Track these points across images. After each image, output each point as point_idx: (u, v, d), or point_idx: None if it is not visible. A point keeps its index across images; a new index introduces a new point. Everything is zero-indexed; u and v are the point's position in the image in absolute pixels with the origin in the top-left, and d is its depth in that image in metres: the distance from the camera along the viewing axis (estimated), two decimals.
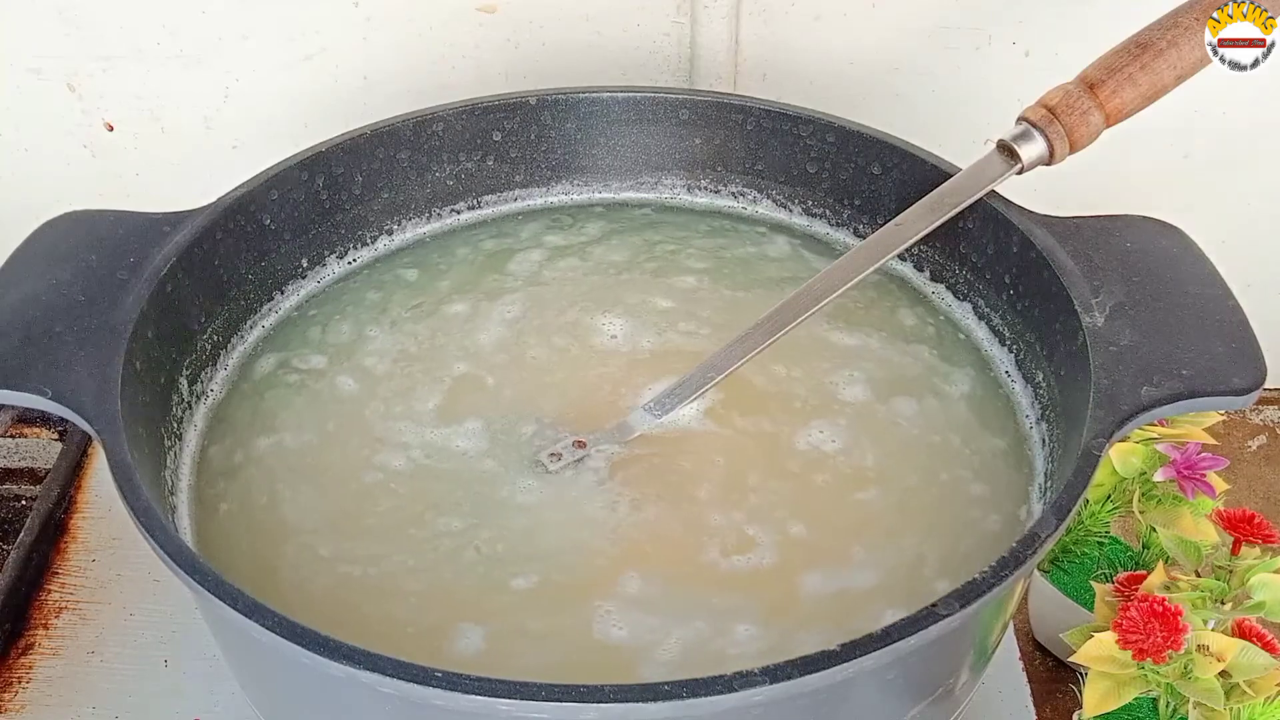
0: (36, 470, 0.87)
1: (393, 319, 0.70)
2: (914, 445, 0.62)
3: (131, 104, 0.86)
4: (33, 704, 0.72)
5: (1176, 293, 0.60)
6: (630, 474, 0.60)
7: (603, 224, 0.76)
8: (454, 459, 0.62)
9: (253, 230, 0.67)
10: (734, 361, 0.62)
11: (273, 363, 0.67)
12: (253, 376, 0.67)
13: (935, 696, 0.54)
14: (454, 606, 0.55)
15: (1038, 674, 0.76)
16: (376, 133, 0.71)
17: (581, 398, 0.65)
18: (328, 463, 0.62)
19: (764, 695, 0.44)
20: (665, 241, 0.74)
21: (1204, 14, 0.63)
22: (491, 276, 0.72)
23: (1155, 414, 0.55)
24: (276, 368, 0.67)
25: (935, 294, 0.71)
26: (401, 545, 0.58)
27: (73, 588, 0.78)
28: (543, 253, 0.74)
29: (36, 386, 0.55)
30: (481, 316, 0.69)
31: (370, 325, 0.69)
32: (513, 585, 0.56)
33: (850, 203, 0.74)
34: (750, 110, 0.74)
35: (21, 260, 0.62)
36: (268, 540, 0.59)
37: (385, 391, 0.65)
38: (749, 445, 0.62)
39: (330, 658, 0.45)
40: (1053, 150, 0.64)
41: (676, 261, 0.73)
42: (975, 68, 0.84)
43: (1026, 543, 0.49)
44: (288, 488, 0.61)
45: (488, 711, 0.44)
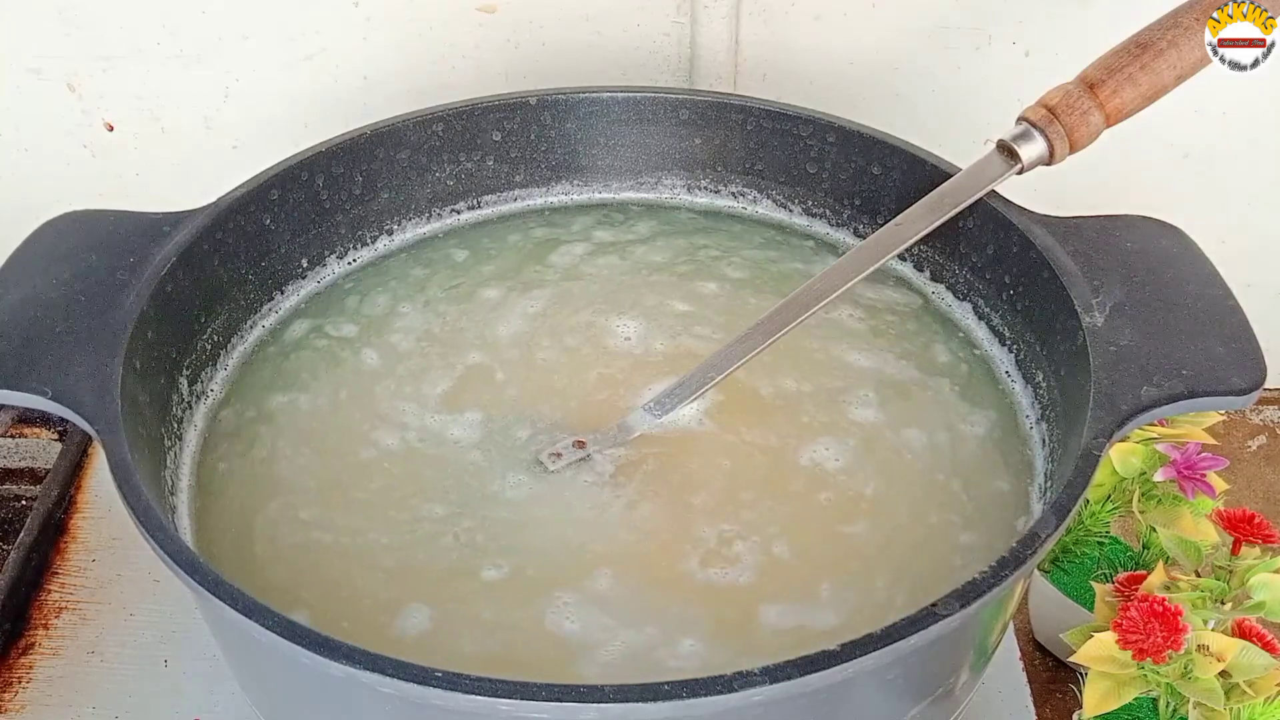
0: (36, 470, 0.87)
1: (428, 298, 0.71)
2: (914, 479, 0.61)
3: (131, 104, 0.86)
4: (33, 704, 0.72)
5: (1176, 293, 0.60)
6: (626, 475, 0.60)
7: (653, 224, 0.76)
8: (448, 447, 0.62)
9: (253, 230, 0.68)
10: (734, 361, 0.62)
11: (306, 327, 0.69)
12: (283, 339, 0.69)
13: (935, 696, 0.54)
14: (415, 586, 0.56)
15: (1038, 674, 0.76)
16: (376, 133, 0.71)
17: (584, 397, 0.65)
18: (331, 430, 0.63)
19: (764, 695, 0.44)
20: (711, 247, 0.74)
21: (1204, 14, 0.63)
22: (533, 267, 0.73)
23: (1155, 414, 0.55)
24: (309, 332, 0.69)
25: (935, 294, 0.71)
26: (381, 523, 0.59)
27: (73, 588, 0.78)
28: (586, 247, 0.74)
29: (36, 386, 0.55)
30: (507, 307, 0.70)
31: (406, 301, 0.70)
32: (482, 575, 0.56)
33: (850, 203, 0.74)
34: (750, 110, 0.74)
35: (21, 260, 0.62)
36: (256, 491, 0.60)
37: (402, 370, 0.66)
38: (749, 452, 0.62)
39: (330, 658, 0.45)
40: (1053, 150, 0.64)
41: (714, 269, 0.73)
42: (975, 68, 0.84)
43: (1026, 543, 0.49)
44: (289, 446, 0.62)
45: (488, 711, 0.44)
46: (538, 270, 0.73)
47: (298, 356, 0.67)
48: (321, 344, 0.68)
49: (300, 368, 0.67)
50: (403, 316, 0.70)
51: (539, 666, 0.52)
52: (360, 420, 0.64)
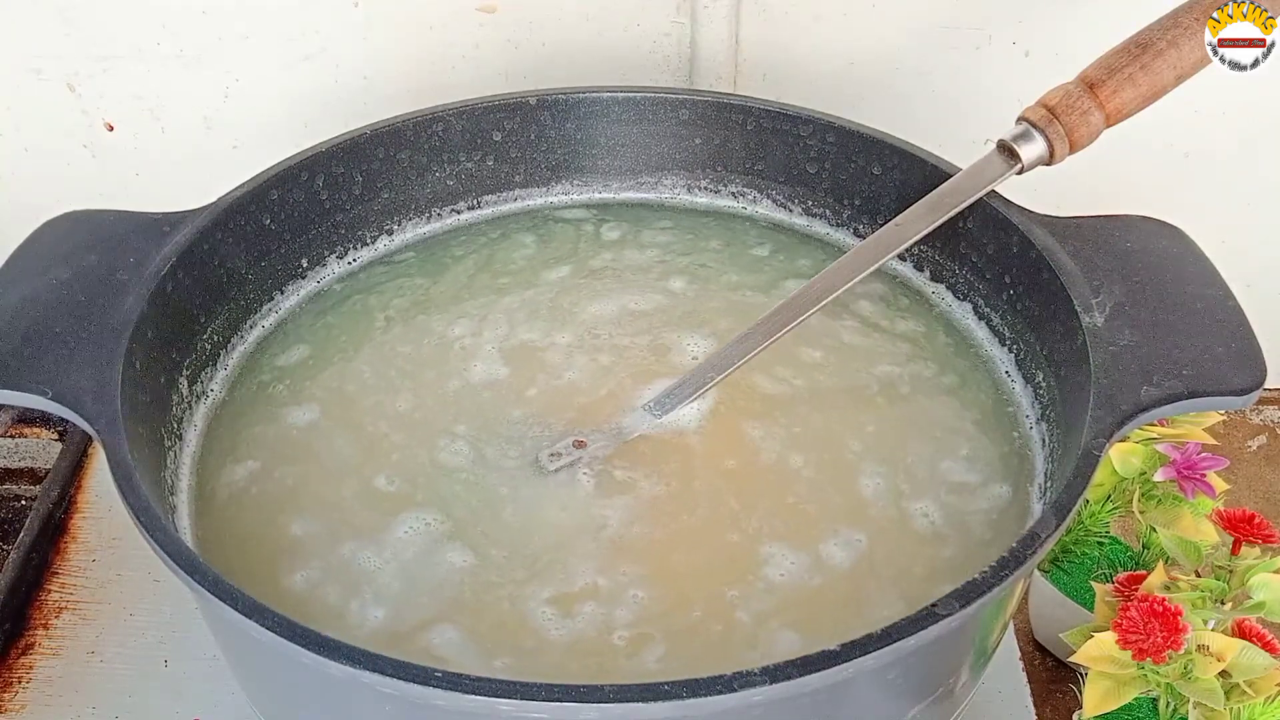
0: (36, 470, 0.87)
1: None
2: (913, 479, 0.61)
3: (131, 104, 0.86)
4: (33, 704, 0.72)
5: (1176, 293, 0.60)
6: (626, 475, 0.60)
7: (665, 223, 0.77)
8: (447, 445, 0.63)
9: (253, 230, 0.68)
10: (734, 361, 0.62)
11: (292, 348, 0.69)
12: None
13: (935, 696, 0.54)
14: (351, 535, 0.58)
15: (1038, 674, 0.76)
16: (376, 133, 0.71)
17: (584, 397, 0.65)
18: (366, 391, 0.65)
19: (764, 695, 0.44)
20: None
21: (1204, 14, 0.63)
22: (510, 270, 0.73)
23: (1155, 414, 0.55)
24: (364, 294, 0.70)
25: (935, 294, 0.71)
26: (360, 506, 0.59)
27: (73, 588, 0.78)
28: (586, 244, 0.75)
29: (36, 386, 0.55)
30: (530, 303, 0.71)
31: (475, 276, 0.72)
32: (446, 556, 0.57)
33: (850, 203, 0.74)
34: (750, 110, 0.74)
35: (21, 260, 0.62)
36: (257, 419, 0.64)
37: (443, 354, 0.67)
38: (749, 452, 0.62)
39: (330, 658, 0.45)
40: (1053, 150, 0.64)
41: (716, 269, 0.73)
42: (975, 68, 0.84)
43: (1026, 543, 0.49)
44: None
45: (488, 711, 0.44)
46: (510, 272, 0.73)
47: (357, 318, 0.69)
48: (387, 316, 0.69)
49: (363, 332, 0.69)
50: (471, 290, 0.71)
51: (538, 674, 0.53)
52: (361, 420, 0.64)
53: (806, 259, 0.74)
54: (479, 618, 0.55)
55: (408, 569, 0.57)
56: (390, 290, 0.72)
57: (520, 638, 0.54)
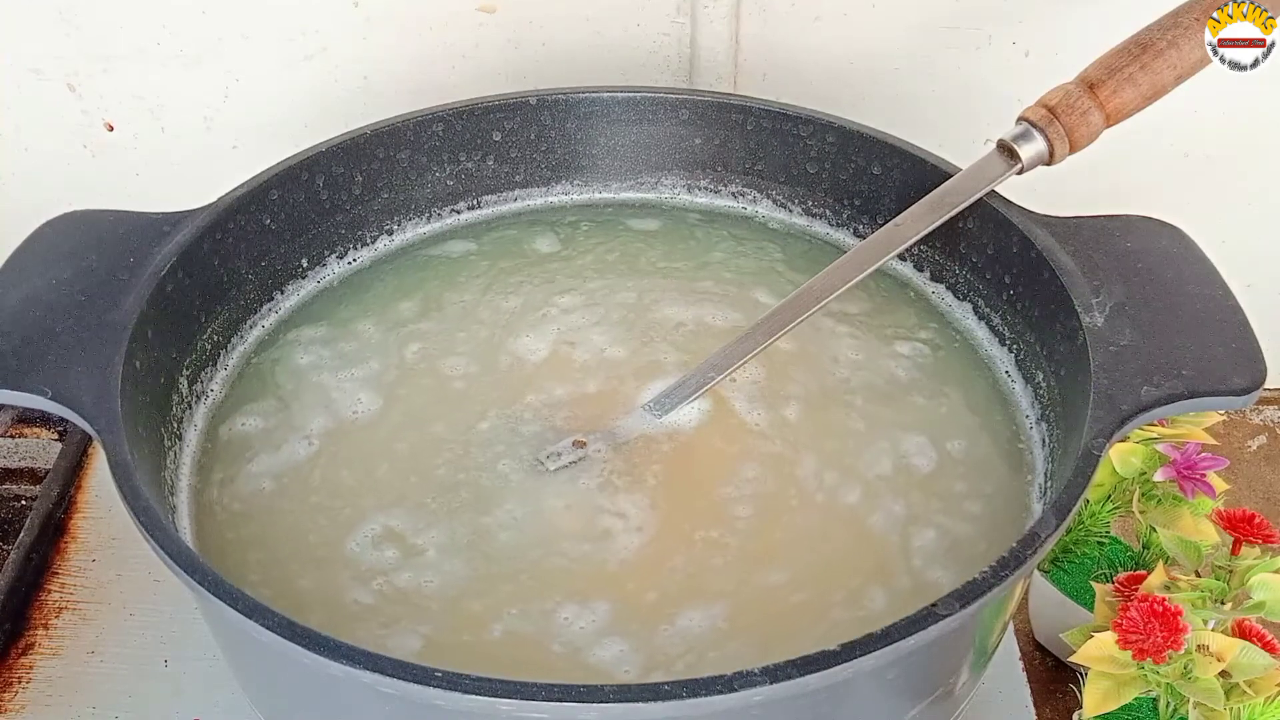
0: (36, 470, 0.87)
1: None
2: (913, 479, 0.61)
3: (131, 104, 0.86)
4: (33, 704, 0.72)
5: (1176, 293, 0.60)
6: (625, 475, 0.60)
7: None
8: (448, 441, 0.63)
9: (253, 230, 0.68)
10: (734, 361, 0.62)
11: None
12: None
13: (935, 696, 0.54)
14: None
15: (1038, 674, 0.76)
16: (376, 133, 0.71)
17: (583, 397, 0.65)
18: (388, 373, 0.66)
19: (764, 695, 0.44)
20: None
21: (1204, 14, 0.63)
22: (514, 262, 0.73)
23: (1155, 414, 0.55)
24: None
25: (935, 294, 0.71)
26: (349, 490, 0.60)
27: (73, 588, 0.78)
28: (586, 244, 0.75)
29: (36, 386, 0.55)
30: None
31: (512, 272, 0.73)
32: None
33: (850, 203, 0.74)
34: (750, 110, 0.74)
35: (22, 260, 0.62)
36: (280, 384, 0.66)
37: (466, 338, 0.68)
38: (749, 452, 0.62)
39: (330, 658, 0.45)
40: (1053, 150, 0.64)
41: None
42: (975, 68, 0.84)
43: (1026, 543, 0.49)
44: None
45: (488, 711, 0.44)
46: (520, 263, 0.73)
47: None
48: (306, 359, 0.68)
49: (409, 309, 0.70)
50: (503, 280, 0.72)
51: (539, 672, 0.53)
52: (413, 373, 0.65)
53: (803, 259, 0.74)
54: (478, 619, 0.55)
55: (408, 569, 0.57)
56: (390, 290, 0.72)
57: (521, 636, 0.54)
